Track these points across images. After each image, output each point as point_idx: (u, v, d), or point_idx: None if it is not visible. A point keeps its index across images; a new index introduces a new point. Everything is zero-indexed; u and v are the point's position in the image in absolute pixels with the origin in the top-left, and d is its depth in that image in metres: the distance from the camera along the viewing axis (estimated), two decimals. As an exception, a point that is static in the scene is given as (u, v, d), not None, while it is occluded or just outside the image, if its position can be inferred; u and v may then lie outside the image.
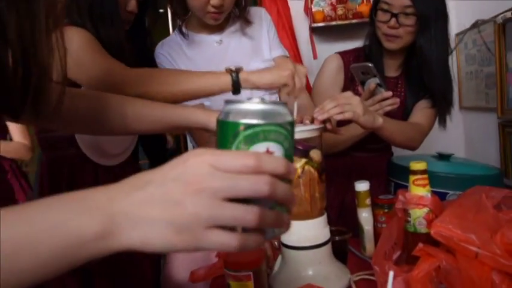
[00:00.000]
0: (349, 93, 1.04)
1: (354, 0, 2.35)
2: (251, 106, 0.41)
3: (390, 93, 1.19)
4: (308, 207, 0.85)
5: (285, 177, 0.39)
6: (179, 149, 3.55)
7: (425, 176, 0.86)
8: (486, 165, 1.64)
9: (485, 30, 1.93)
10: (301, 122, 0.96)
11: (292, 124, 0.42)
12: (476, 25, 1.99)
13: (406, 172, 0.96)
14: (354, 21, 2.24)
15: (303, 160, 0.83)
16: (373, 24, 1.35)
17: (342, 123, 1.35)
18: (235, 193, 0.37)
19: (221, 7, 1.15)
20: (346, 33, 2.34)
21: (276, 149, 0.41)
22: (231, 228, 0.38)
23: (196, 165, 0.37)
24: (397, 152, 1.62)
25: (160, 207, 0.36)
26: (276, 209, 0.40)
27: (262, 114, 0.41)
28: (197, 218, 0.36)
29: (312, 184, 0.84)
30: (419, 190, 0.85)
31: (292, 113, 0.47)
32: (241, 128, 0.40)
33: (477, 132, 2.18)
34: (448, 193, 1.39)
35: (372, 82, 1.19)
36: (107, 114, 0.78)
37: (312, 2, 2.36)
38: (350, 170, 1.46)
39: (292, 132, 0.43)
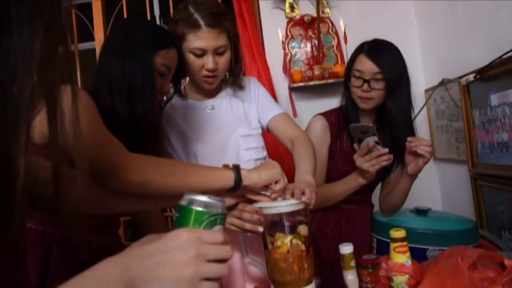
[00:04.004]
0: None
1: (329, 61, 2.50)
2: (209, 199, 0.60)
3: (387, 150, 1.32)
4: (297, 277, 0.90)
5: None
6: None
7: (405, 243, 0.92)
8: (462, 219, 1.72)
9: (451, 88, 2.07)
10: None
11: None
12: (442, 83, 2.14)
13: (386, 227, 1.04)
14: (330, 80, 2.36)
15: (290, 236, 0.89)
16: (347, 88, 1.51)
17: (335, 178, 1.47)
18: (217, 257, 0.54)
19: (215, 71, 1.27)
20: (324, 92, 2.47)
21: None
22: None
23: (190, 238, 0.53)
24: (376, 204, 1.71)
25: (170, 269, 0.50)
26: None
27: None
28: (196, 273, 0.51)
29: (300, 256, 0.89)
30: (400, 257, 0.91)
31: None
32: (207, 216, 0.59)
33: (451, 182, 2.28)
34: (428, 248, 1.45)
35: (371, 140, 1.31)
36: (105, 197, 0.83)
37: (290, 63, 2.50)
38: (340, 221, 1.56)
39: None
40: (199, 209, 0.59)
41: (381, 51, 1.44)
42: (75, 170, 0.53)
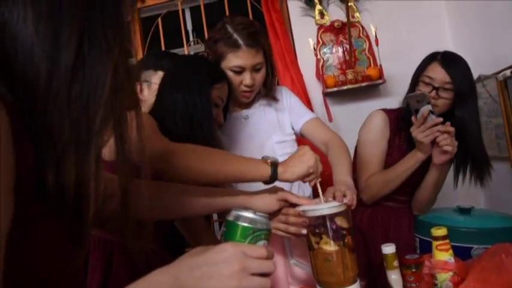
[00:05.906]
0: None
1: (361, 64, 2.51)
2: (254, 215, 0.65)
3: (441, 119, 1.37)
4: (341, 277, 0.94)
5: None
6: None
7: (447, 241, 0.94)
8: (506, 216, 1.70)
9: (488, 84, 2.05)
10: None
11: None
12: (479, 80, 2.11)
13: (429, 227, 1.07)
14: (363, 84, 2.37)
15: (337, 247, 0.94)
16: (412, 91, 1.53)
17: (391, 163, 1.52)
18: (260, 271, 0.57)
19: (252, 86, 1.36)
20: (358, 95, 2.48)
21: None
22: None
23: (235, 253, 0.56)
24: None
25: (216, 280, 0.54)
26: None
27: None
28: (240, 286, 0.54)
29: (344, 257, 0.93)
30: (442, 255, 0.93)
31: None
32: (252, 231, 0.64)
33: (493, 180, 2.23)
34: (473, 247, 1.45)
35: (426, 109, 1.36)
36: (165, 201, 0.90)
37: (322, 69, 2.53)
38: (389, 218, 1.60)
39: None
40: (245, 224, 0.63)
41: (454, 62, 1.48)
42: (141, 181, 0.60)
